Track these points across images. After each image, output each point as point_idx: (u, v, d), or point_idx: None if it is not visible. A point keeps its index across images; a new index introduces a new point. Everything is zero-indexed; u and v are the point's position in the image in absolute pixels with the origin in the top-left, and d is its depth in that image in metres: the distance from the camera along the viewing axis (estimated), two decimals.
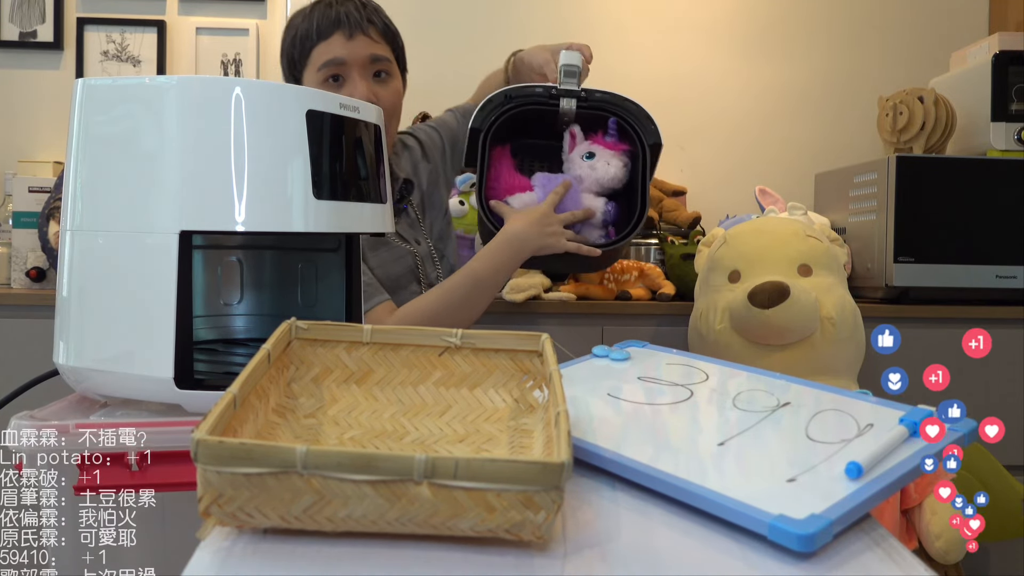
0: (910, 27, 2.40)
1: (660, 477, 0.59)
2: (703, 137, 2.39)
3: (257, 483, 0.48)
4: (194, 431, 0.48)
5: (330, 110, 0.82)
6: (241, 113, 0.76)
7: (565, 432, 0.52)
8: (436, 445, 0.67)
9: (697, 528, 0.55)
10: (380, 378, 0.72)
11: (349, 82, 1.28)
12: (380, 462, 0.48)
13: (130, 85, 0.80)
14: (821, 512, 0.52)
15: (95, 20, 2.29)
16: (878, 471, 0.58)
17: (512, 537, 0.50)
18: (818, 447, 0.63)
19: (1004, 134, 1.95)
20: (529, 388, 0.72)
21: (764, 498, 0.54)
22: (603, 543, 0.53)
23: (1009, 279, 1.85)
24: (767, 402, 0.72)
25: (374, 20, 1.31)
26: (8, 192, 2.04)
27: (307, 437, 0.65)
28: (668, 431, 0.69)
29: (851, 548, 0.53)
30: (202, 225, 0.76)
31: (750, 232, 1.61)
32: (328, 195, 0.81)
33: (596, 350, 0.87)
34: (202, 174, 0.76)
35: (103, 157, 0.79)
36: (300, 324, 0.70)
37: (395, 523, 0.49)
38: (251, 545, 0.51)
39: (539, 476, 0.48)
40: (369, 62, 1.29)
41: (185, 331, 0.75)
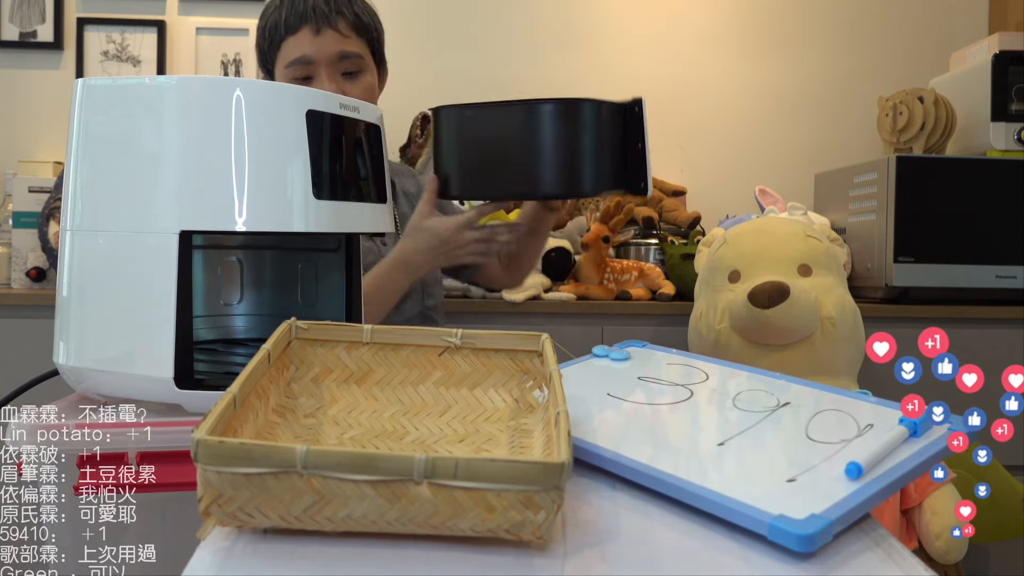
0: (910, 27, 2.40)
1: (660, 477, 0.59)
2: (703, 137, 2.39)
3: (257, 483, 0.48)
4: (194, 431, 0.48)
5: (330, 110, 0.82)
6: (241, 113, 0.76)
7: (565, 432, 0.52)
8: (436, 445, 0.67)
9: (697, 528, 0.55)
10: (380, 378, 0.72)
11: (316, 82, 1.24)
12: (380, 462, 0.48)
13: (130, 85, 0.80)
14: (821, 512, 0.52)
15: (95, 20, 2.29)
16: (878, 471, 0.58)
17: (512, 537, 0.50)
18: (818, 447, 0.63)
19: (1004, 134, 1.95)
20: (529, 388, 0.72)
21: (764, 498, 0.54)
22: (603, 543, 0.53)
23: (1009, 279, 1.85)
24: (767, 402, 0.72)
25: (344, 11, 1.25)
26: (8, 192, 2.04)
27: (307, 437, 0.65)
28: (668, 431, 0.69)
29: (851, 548, 0.53)
30: (202, 225, 0.76)
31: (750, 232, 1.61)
32: (328, 195, 0.81)
33: (596, 350, 0.87)
34: (202, 174, 0.76)
35: (103, 157, 0.79)
36: (300, 324, 0.70)
37: (395, 523, 0.49)
38: (251, 545, 0.51)
39: (539, 476, 0.48)
40: (337, 59, 1.24)
41: (185, 331, 0.75)
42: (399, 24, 2.38)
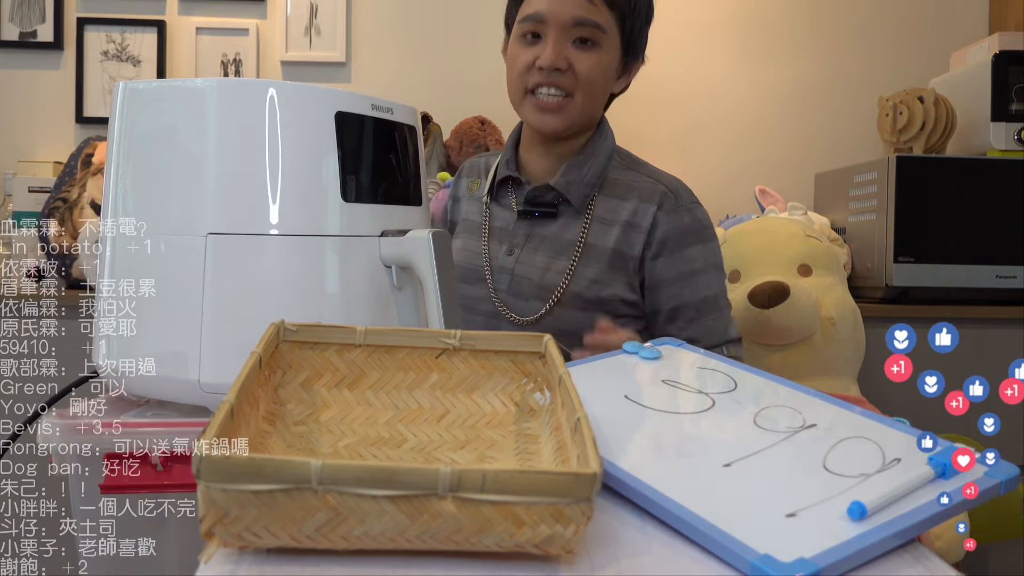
0: (910, 27, 2.40)
1: (651, 496, 0.55)
2: (703, 137, 2.39)
3: (267, 500, 0.45)
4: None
5: (361, 111, 0.82)
6: (275, 115, 0.76)
7: (591, 439, 0.50)
8: (437, 452, 0.65)
9: None
10: (374, 382, 0.69)
11: (543, 42, 1.13)
12: (402, 476, 0.45)
13: (170, 87, 0.81)
14: (811, 557, 0.47)
15: (95, 20, 2.29)
16: (888, 515, 0.52)
17: (539, 552, 0.47)
18: (832, 480, 0.57)
19: (1004, 134, 1.95)
20: (530, 391, 0.70)
21: (755, 533, 0.50)
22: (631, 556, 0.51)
23: (1009, 279, 1.85)
24: (791, 421, 0.66)
25: None
26: (8, 192, 2.04)
27: (300, 446, 0.63)
28: (676, 444, 0.65)
29: None
30: (235, 228, 0.76)
31: (750, 232, 1.61)
32: (359, 197, 0.80)
33: (627, 346, 0.82)
34: (237, 176, 0.77)
35: (143, 160, 0.79)
36: (289, 326, 0.67)
37: (415, 540, 0.47)
38: (256, 566, 0.48)
39: (571, 487, 0.45)
40: (571, 24, 1.12)
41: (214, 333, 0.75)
42: (399, 24, 2.38)
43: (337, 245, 0.79)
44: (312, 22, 2.32)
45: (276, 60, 2.32)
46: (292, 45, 2.32)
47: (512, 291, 1.17)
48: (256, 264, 0.76)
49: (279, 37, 2.32)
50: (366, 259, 0.82)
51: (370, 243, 0.82)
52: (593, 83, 1.14)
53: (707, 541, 0.51)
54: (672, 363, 0.80)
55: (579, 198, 1.16)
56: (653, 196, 1.16)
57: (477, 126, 2.16)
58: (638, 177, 1.19)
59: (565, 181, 1.16)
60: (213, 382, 0.75)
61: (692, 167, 2.38)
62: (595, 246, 1.15)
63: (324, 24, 2.32)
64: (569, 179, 1.16)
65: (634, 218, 1.15)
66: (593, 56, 1.13)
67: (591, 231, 1.15)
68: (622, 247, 1.14)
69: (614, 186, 1.18)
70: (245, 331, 0.66)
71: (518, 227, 1.20)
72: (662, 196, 1.16)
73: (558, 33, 1.12)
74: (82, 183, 1.84)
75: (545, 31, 1.13)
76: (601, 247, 1.15)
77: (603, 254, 1.14)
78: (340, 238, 0.79)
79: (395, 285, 0.84)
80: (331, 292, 0.80)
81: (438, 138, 2.16)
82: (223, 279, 0.76)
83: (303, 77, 2.31)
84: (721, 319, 1.16)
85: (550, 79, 1.12)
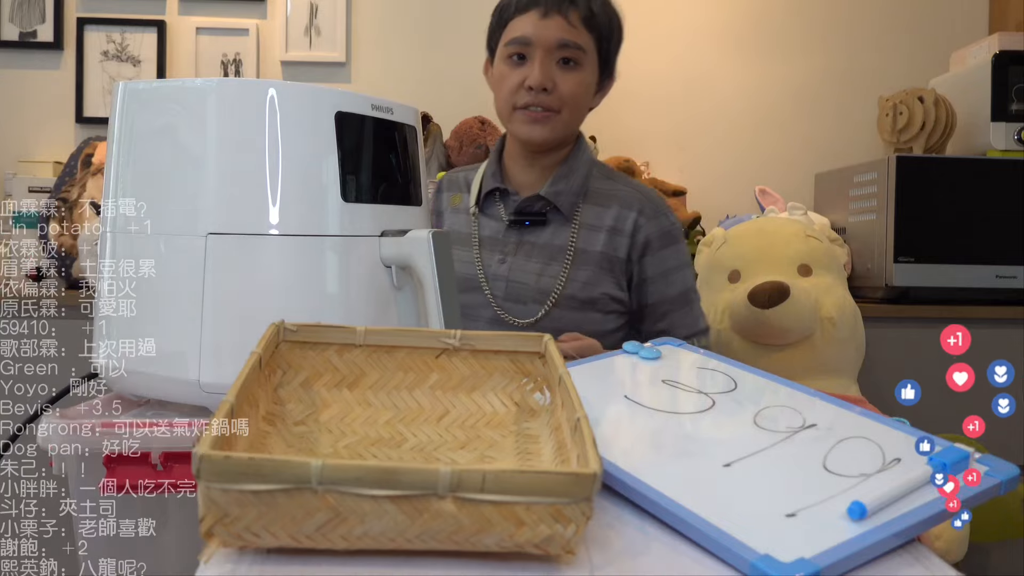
0: (910, 27, 2.40)
1: (651, 496, 0.55)
2: (703, 137, 2.39)
3: (267, 501, 0.45)
4: (194, 447, 0.45)
5: (360, 111, 0.82)
6: (275, 115, 0.76)
7: (591, 440, 0.50)
8: (437, 452, 0.65)
9: None
10: (373, 382, 0.69)
11: (529, 63, 1.21)
12: (403, 476, 0.45)
13: (170, 88, 0.81)
14: (811, 557, 0.47)
15: (95, 20, 2.29)
16: (888, 515, 0.52)
17: (539, 552, 0.48)
18: (832, 479, 0.57)
19: (1004, 134, 1.95)
20: (530, 391, 0.70)
21: (755, 533, 0.50)
22: (631, 556, 0.51)
23: (1009, 279, 1.85)
24: (791, 421, 0.66)
25: (578, 3, 1.21)
26: (8, 192, 2.04)
27: (300, 446, 0.63)
28: (675, 444, 0.65)
29: None
30: (235, 228, 0.76)
31: (750, 232, 1.61)
32: (359, 197, 0.81)
33: (627, 346, 0.82)
34: (236, 176, 0.77)
35: (142, 160, 0.79)
36: (289, 326, 0.67)
37: (415, 540, 0.47)
38: (256, 566, 0.48)
39: (571, 487, 0.45)
40: (556, 47, 1.20)
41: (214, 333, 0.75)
42: (399, 24, 2.38)
43: (337, 245, 0.79)
44: (312, 22, 2.32)
45: (276, 60, 2.32)
46: (292, 45, 2.32)
47: (510, 296, 1.25)
48: (256, 264, 0.77)
49: (279, 37, 2.32)
50: (366, 259, 0.82)
51: (370, 243, 0.82)
52: (577, 100, 1.23)
53: (707, 541, 0.51)
54: (672, 363, 0.80)
55: (568, 207, 1.25)
56: (633, 204, 1.26)
57: (477, 126, 2.16)
58: (617, 187, 1.28)
59: (554, 191, 1.24)
60: (213, 382, 0.75)
61: (692, 167, 2.38)
62: (585, 251, 1.24)
63: (324, 24, 2.32)
64: (558, 189, 1.25)
65: (617, 223, 1.25)
66: (576, 75, 1.22)
67: (580, 237, 1.24)
68: (609, 250, 1.24)
69: (597, 195, 1.27)
70: (245, 331, 0.66)
71: (508, 236, 1.27)
72: (641, 203, 1.26)
73: (544, 55, 1.20)
74: (82, 183, 1.84)
75: (531, 53, 1.21)
76: (590, 251, 1.24)
77: (592, 257, 1.23)
78: (340, 238, 0.79)
79: (395, 285, 0.84)
80: (331, 292, 0.80)
81: (438, 138, 2.16)
82: (223, 279, 0.76)
83: (303, 77, 2.31)
84: (693, 311, 1.28)
85: (538, 99, 1.20)
